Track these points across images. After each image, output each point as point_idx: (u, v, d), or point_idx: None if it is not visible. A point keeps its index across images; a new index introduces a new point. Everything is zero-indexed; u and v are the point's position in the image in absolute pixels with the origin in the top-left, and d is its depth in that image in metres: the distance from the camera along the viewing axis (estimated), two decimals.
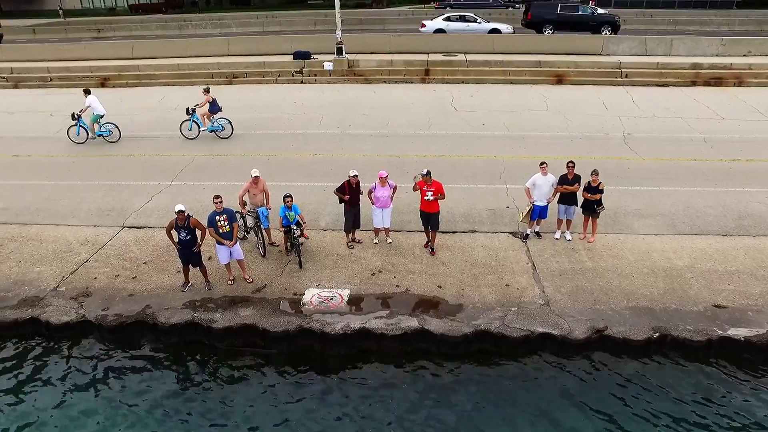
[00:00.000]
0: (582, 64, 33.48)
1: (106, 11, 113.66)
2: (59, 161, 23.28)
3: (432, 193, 15.26)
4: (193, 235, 13.50)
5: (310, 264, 15.50)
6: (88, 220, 18.58)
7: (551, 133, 24.97)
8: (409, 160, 22.05)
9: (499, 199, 19.06)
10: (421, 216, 15.89)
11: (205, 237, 13.65)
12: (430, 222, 15.76)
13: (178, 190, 20.22)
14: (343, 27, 35.58)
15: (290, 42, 37.10)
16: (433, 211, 15.53)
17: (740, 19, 63.89)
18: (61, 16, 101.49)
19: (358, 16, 72.61)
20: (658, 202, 18.88)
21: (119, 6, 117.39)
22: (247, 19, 63.69)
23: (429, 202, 15.31)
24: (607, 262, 15.53)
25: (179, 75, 34.40)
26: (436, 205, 15.42)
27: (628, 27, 56.50)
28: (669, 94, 31.23)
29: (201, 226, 13.50)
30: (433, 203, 15.36)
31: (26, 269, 15.68)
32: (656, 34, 44.53)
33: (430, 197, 15.28)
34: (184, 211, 13.26)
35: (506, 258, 15.73)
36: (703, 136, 24.60)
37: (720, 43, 35.90)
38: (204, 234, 13.57)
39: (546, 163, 15.98)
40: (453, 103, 29.35)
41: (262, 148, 23.85)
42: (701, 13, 71.63)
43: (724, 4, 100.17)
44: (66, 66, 35.85)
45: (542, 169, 15.86)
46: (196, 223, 13.42)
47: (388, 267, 15.31)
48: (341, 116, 27.44)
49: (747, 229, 17.34)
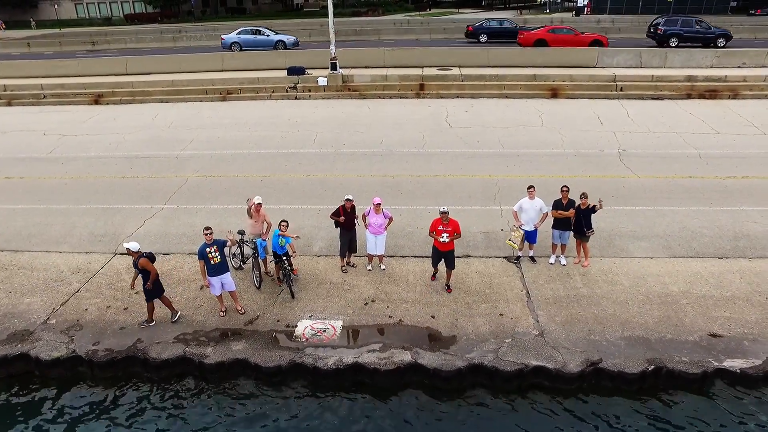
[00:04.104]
0: (577, 77, 33.44)
1: (102, 20, 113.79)
2: (52, 183, 23.15)
3: (448, 234, 14.85)
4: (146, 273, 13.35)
5: (303, 293, 15.38)
6: (80, 246, 18.40)
7: (546, 150, 24.87)
8: (404, 180, 21.97)
9: (493, 221, 18.96)
10: (434, 252, 15.36)
11: (153, 279, 13.43)
12: (446, 260, 15.26)
13: (171, 214, 20.10)
14: (339, 38, 35.58)
15: (285, 57, 37.08)
16: (449, 249, 15.08)
17: (735, 26, 63.84)
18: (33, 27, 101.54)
19: (353, 26, 72.73)
20: (654, 223, 18.75)
21: (115, 15, 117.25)
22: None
23: (445, 243, 14.79)
24: (602, 288, 15.40)
25: (173, 91, 34.33)
26: (451, 244, 15.06)
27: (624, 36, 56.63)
28: (664, 107, 31.17)
29: (150, 268, 13.29)
30: (449, 243, 14.84)
31: (16, 300, 15.52)
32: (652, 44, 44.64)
33: (446, 239, 14.87)
34: (135, 250, 13.25)
35: (500, 285, 15.61)
36: (698, 152, 24.53)
37: (714, 55, 35.94)
38: (152, 276, 13.42)
39: (533, 187, 15.91)
40: (448, 119, 29.25)
41: (256, 168, 23.73)
42: None
43: (719, 9, 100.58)
44: (60, 83, 35.71)
45: (530, 193, 15.80)
46: (145, 264, 13.22)
47: (382, 296, 15.18)
48: (335, 134, 27.34)
49: (743, 251, 17.21)
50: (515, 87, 33.01)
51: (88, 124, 30.86)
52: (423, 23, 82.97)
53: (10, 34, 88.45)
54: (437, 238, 15.01)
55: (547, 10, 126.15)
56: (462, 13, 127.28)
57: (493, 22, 53.99)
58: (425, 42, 57.10)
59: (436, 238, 15.04)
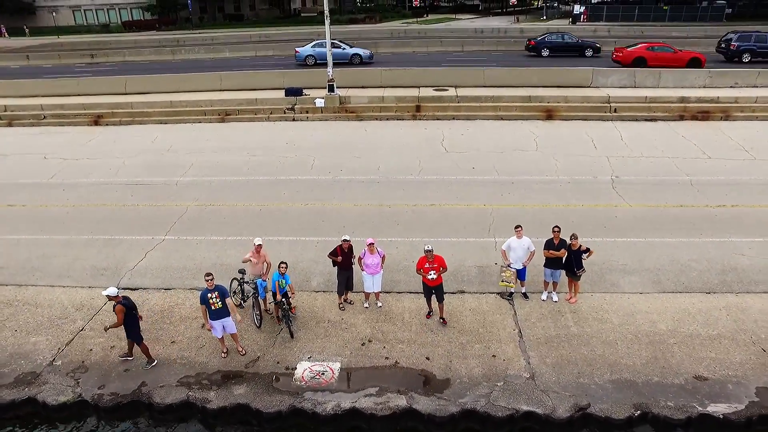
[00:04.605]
0: (571, 98, 33.93)
1: (100, 27, 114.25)
2: (54, 212, 23.58)
3: (435, 270, 15.41)
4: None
5: (302, 333, 15.85)
6: (83, 280, 18.83)
7: (540, 177, 25.35)
8: (401, 210, 22.47)
9: (488, 254, 19.43)
10: (425, 288, 16.03)
11: (118, 325, 14.03)
12: (436, 294, 15.91)
13: (171, 246, 20.54)
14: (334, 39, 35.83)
15: (282, 77, 37.52)
16: (438, 284, 15.70)
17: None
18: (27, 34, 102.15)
19: (350, 36, 73.12)
20: (644, 256, 19.24)
21: (113, 22, 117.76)
22: (240, 44, 64.11)
23: (433, 279, 15.39)
24: (592, 326, 15.90)
25: (172, 113, 34.76)
26: (440, 278, 15.62)
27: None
28: (657, 130, 31.70)
29: (119, 318, 13.93)
30: (438, 278, 15.44)
31: (22, 339, 15.93)
32: None
33: (434, 275, 15.47)
34: (114, 295, 13.99)
35: (493, 323, 16.09)
36: (689, 179, 25.02)
37: (707, 75, 36.41)
38: (116, 324, 14.07)
39: (521, 227, 16.59)
40: (444, 143, 29.74)
41: (255, 197, 24.19)
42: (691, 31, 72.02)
43: (714, 17, 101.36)
44: (59, 103, 36.14)
45: (517, 233, 16.38)
46: (118, 311, 13.84)
47: (378, 336, 15.64)
48: (332, 159, 27.80)
49: (730, 285, 17.72)
50: (510, 109, 33.45)
51: (88, 147, 31.24)
52: (420, 33, 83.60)
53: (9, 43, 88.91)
54: (425, 275, 15.67)
55: (543, 17, 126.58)
56: (458, 19, 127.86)
57: (555, 36, 54.39)
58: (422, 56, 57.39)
59: (425, 275, 15.69)
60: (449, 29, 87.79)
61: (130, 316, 14.14)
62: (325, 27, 34.46)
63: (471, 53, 59.14)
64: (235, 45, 63.62)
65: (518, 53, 58.18)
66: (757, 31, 49.11)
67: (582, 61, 50.78)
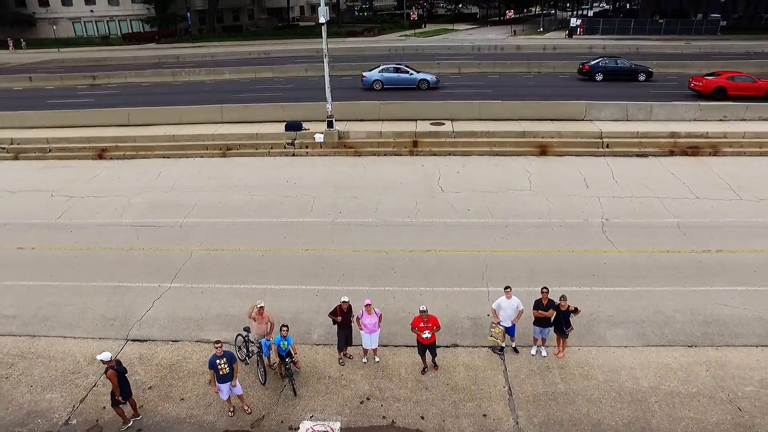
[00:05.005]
0: (565, 134, 34.84)
1: (100, 40, 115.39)
2: (62, 256, 24.44)
3: (429, 330, 16.48)
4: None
5: (304, 389, 16.76)
6: (93, 331, 19.75)
7: (533, 220, 26.27)
8: (397, 257, 23.36)
9: (481, 305, 20.36)
10: (419, 346, 17.06)
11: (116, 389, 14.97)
12: (430, 351, 17.10)
13: (177, 294, 21.44)
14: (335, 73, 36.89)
15: (282, 110, 38.42)
16: (431, 342, 16.80)
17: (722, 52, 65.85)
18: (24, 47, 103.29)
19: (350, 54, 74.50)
20: (631, 306, 20.20)
21: (113, 33, 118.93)
22: (239, 64, 65.31)
23: (427, 338, 16.46)
24: (578, 383, 16.83)
25: (175, 147, 35.64)
26: (433, 337, 16.72)
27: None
28: (648, 166, 32.64)
29: (113, 382, 14.84)
30: (432, 336, 16.56)
31: (38, 396, 16.82)
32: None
33: (428, 335, 16.52)
34: (107, 360, 14.94)
35: (485, 380, 17.03)
36: (677, 221, 25.97)
37: (697, 108, 37.36)
38: (114, 390, 14.95)
39: (510, 288, 17.59)
40: (440, 181, 30.65)
41: (257, 241, 25.07)
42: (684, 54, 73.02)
43: (709, 30, 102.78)
44: (64, 136, 37.00)
45: (507, 293, 17.43)
46: (110, 376, 14.79)
47: (376, 393, 16.57)
48: (332, 199, 28.73)
49: (711, 338, 18.67)
50: (505, 144, 34.36)
51: (93, 184, 32.14)
52: (418, 50, 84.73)
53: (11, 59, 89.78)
54: (420, 334, 16.72)
55: (541, 29, 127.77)
56: (456, 30, 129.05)
57: (609, 60, 54.75)
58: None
59: (419, 334, 16.74)
60: (446, 46, 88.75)
61: (122, 379, 15.08)
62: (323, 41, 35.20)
63: (469, 76, 59.90)
64: (234, 67, 64.20)
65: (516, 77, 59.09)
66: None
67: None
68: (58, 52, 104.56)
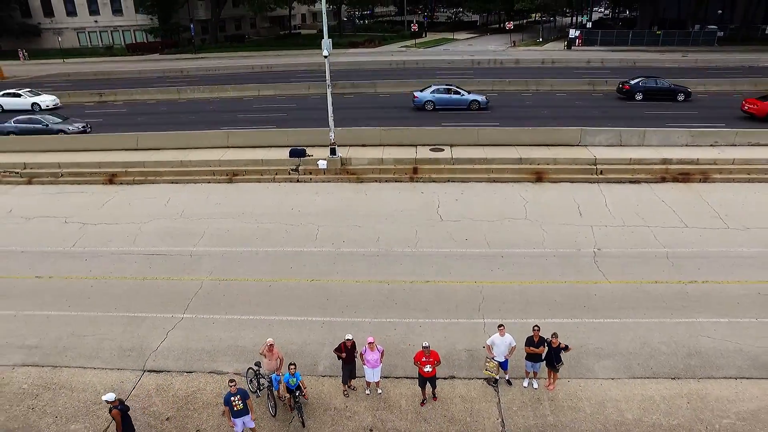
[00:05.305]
0: (560, 160, 36.13)
1: (104, 49, 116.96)
2: (79, 285, 25.71)
3: (430, 364, 17.81)
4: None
5: (311, 421, 18.06)
6: (112, 361, 21.05)
7: (528, 250, 27.56)
8: (398, 288, 24.68)
9: (477, 337, 21.62)
10: (420, 378, 18.35)
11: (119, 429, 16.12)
12: (430, 383, 18.41)
13: (190, 325, 22.74)
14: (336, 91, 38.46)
15: (286, 135, 39.77)
16: (432, 375, 18.11)
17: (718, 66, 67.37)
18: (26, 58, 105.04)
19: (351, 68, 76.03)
20: (618, 338, 21.49)
21: (116, 43, 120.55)
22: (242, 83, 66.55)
23: (428, 372, 17.79)
24: (566, 415, 18.13)
25: (183, 172, 36.95)
26: (434, 370, 18.06)
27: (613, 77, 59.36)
28: (639, 193, 33.96)
29: (117, 421, 16.06)
30: (432, 370, 17.92)
31: (63, 427, 18.13)
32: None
33: (429, 369, 17.81)
34: (112, 400, 16.09)
35: (479, 412, 18.35)
36: (666, 251, 27.24)
37: (689, 135, 38.72)
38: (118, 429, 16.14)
39: (503, 326, 18.88)
40: (439, 210, 31.96)
41: (264, 271, 26.34)
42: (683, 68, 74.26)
43: (706, 41, 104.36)
44: (76, 161, 38.28)
45: (500, 331, 18.75)
46: (114, 416, 16.03)
47: (378, 425, 17.88)
48: (335, 228, 30.05)
49: (693, 370, 19.94)
50: (503, 171, 35.60)
51: (105, 210, 33.48)
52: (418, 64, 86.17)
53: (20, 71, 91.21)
54: (422, 368, 18.01)
55: (540, 39, 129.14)
56: (456, 40, 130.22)
57: (648, 80, 55.90)
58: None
59: (421, 368, 18.02)
60: (446, 60, 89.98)
61: (126, 419, 16.39)
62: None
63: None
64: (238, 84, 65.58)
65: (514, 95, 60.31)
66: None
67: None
68: (63, 63, 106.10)
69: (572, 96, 60.54)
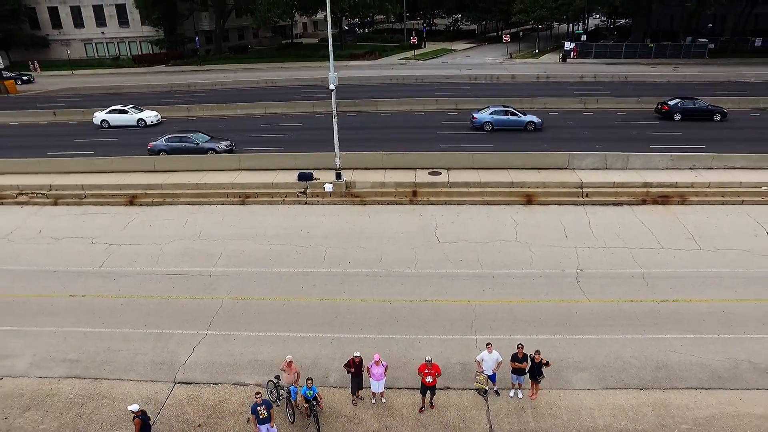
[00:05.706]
0: (549, 184, 39.01)
1: (111, 61, 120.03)
2: (110, 303, 28.49)
3: (432, 375, 20.62)
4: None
5: (325, 427, 20.90)
6: (146, 374, 23.85)
7: (517, 271, 30.45)
8: (399, 306, 27.56)
9: (470, 351, 24.47)
10: (422, 387, 21.11)
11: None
12: (430, 392, 21.23)
13: (213, 341, 25.57)
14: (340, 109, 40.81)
15: (294, 159, 42.69)
16: (433, 385, 20.91)
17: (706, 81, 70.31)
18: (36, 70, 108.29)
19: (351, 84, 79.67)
20: (595, 353, 24.31)
21: (123, 54, 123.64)
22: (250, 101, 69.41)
23: (430, 382, 20.65)
24: (546, 422, 21.01)
25: (199, 194, 39.82)
26: (435, 381, 20.86)
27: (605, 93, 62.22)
28: (622, 215, 36.85)
29: (137, 428, 18.78)
30: (433, 381, 20.75)
31: None
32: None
33: (431, 380, 20.62)
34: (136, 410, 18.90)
35: (471, 419, 21.24)
36: (642, 272, 30.11)
37: (669, 159, 41.67)
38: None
39: (491, 343, 21.71)
40: (436, 232, 34.90)
41: (278, 290, 29.19)
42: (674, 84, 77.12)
43: (697, 54, 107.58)
44: (98, 183, 41.13)
45: (488, 348, 21.59)
46: (137, 423, 18.77)
47: (383, 430, 20.73)
48: (342, 249, 32.95)
49: (659, 382, 22.79)
50: (496, 194, 38.41)
51: (128, 231, 36.38)
52: (418, 79, 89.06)
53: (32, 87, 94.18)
54: (424, 378, 20.85)
55: (536, 51, 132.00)
56: (454, 50, 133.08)
57: (687, 101, 58.04)
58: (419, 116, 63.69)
59: (423, 378, 20.87)
60: (445, 75, 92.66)
61: (146, 427, 19.09)
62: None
63: (465, 112, 63.77)
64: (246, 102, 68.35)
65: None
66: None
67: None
68: (71, 74, 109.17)
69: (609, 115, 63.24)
